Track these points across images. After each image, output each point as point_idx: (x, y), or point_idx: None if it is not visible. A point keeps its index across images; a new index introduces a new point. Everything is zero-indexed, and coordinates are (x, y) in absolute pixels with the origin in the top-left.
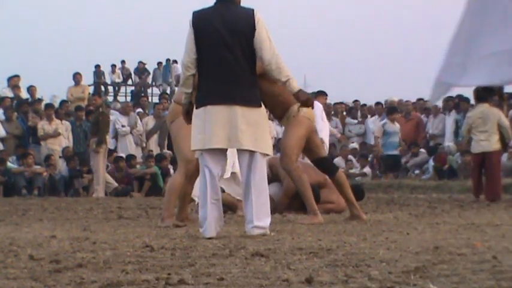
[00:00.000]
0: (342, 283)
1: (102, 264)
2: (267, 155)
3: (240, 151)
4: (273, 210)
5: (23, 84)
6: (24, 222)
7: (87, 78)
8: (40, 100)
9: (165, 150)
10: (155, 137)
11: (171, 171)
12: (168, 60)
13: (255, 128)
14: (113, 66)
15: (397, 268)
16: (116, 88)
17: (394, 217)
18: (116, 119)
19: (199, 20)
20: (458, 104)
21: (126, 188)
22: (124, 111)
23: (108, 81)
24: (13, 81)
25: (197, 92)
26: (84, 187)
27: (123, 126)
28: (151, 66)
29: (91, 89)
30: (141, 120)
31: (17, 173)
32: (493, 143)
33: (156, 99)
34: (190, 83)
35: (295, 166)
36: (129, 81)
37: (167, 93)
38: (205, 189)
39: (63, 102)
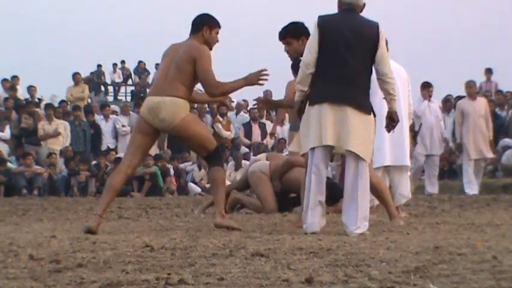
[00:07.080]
0: (342, 283)
1: (102, 264)
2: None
3: (348, 155)
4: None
5: (23, 84)
6: (24, 222)
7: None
8: (40, 100)
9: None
10: None
11: (171, 171)
12: None
13: (363, 133)
14: (114, 65)
15: (397, 268)
16: (116, 88)
17: None
18: (116, 118)
19: (325, 22)
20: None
21: (126, 188)
22: (124, 111)
23: (108, 81)
24: (6, 83)
25: (312, 91)
26: (81, 188)
27: (123, 126)
28: (151, 66)
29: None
30: None
31: (17, 173)
32: None
33: None
34: (308, 81)
35: None
36: (129, 81)
37: None
38: (310, 188)
39: (61, 102)
